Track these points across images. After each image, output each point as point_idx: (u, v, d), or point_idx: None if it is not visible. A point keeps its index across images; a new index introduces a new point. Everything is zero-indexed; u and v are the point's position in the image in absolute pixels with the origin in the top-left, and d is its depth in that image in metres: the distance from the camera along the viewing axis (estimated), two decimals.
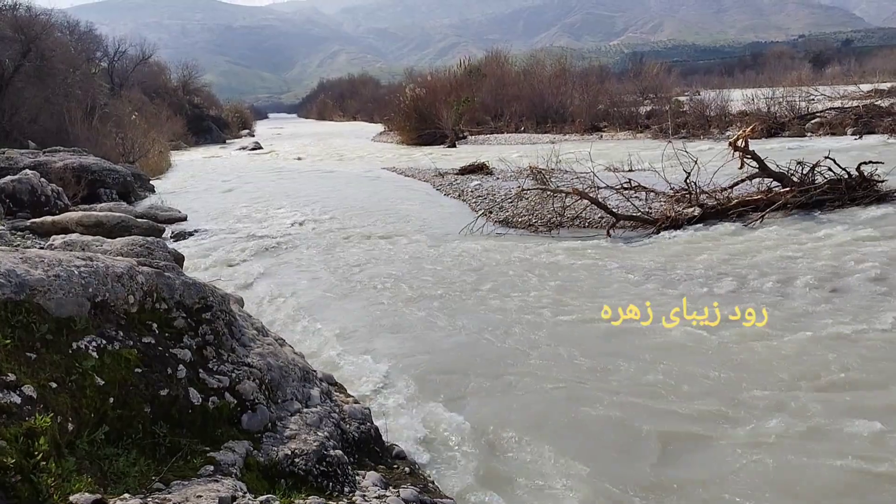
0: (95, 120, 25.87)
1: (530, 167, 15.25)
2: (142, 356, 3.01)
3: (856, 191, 11.01)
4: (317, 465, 3.12)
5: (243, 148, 41.09)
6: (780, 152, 15.22)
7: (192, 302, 3.45)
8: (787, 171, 11.48)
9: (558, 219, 11.79)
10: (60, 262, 3.06)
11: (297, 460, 3.08)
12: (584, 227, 11.68)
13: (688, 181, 11.69)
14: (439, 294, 8.15)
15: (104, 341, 2.92)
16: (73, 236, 9.02)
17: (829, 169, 11.34)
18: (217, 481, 2.67)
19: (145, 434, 2.87)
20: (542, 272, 8.85)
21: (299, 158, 31.81)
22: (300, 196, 17.79)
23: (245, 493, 2.62)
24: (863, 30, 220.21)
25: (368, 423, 3.90)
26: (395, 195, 17.28)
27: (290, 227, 13.19)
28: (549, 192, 12.47)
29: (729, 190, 11.75)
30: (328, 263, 10.13)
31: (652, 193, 12.34)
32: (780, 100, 28.13)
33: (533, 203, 12.77)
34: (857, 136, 21.50)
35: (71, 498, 2.24)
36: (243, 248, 11.40)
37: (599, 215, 11.72)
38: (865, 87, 33.34)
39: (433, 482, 3.96)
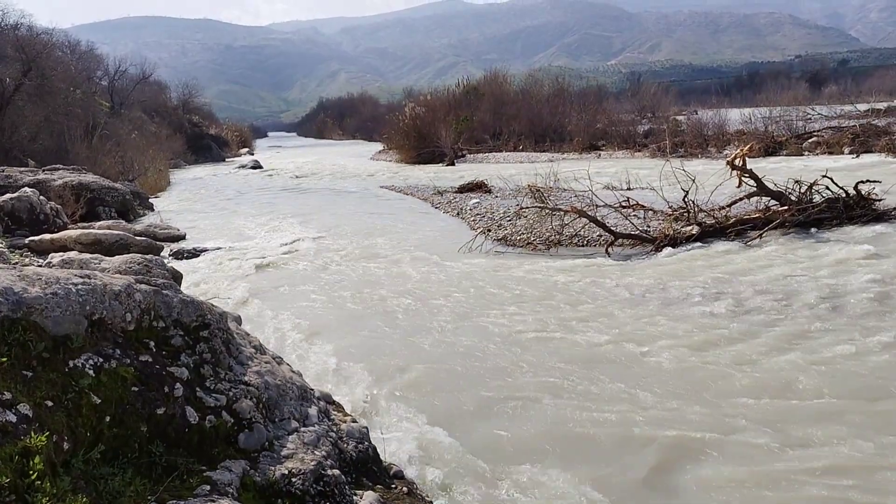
0: (95, 138, 25.99)
1: (529, 186, 15.28)
2: (139, 374, 2.99)
3: (853, 209, 11.04)
4: (314, 485, 3.09)
5: (243, 166, 41.15)
6: (777, 171, 15.27)
7: (189, 320, 3.44)
8: (785, 190, 11.52)
9: (557, 237, 11.79)
10: (58, 279, 3.05)
11: (294, 480, 3.06)
12: (583, 245, 11.68)
13: (686, 199, 11.72)
14: (438, 313, 8.13)
15: (101, 359, 2.91)
16: (72, 254, 9.00)
17: (827, 188, 11.38)
18: (213, 501, 2.65)
19: (141, 453, 2.84)
20: (540, 291, 8.84)
21: (298, 177, 31.89)
22: (299, 214, 17.81)
23: None
24: (859, 50, 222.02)
25: (366, 443, 3.87)
26: (393, 213, 17.31)
27: (289, 245, 13.18)
28: (547, 211, 12.48)
29: (727, 208, 11.78)
30: (326, 282, 10.11)
31: (650, 212, 12.37)
32: (778, 119, 28.28)
33: (532, 221, 12.79)
34: (855, 155, 21.61)
35: None
36: (241, 266, 11.39)
37: (598, 233, 11.72)
38: (862, 107, 33.52)
39: (431, 502, 3.93)
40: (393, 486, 3.79)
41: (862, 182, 11.31)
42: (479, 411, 5.41)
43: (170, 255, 12.43)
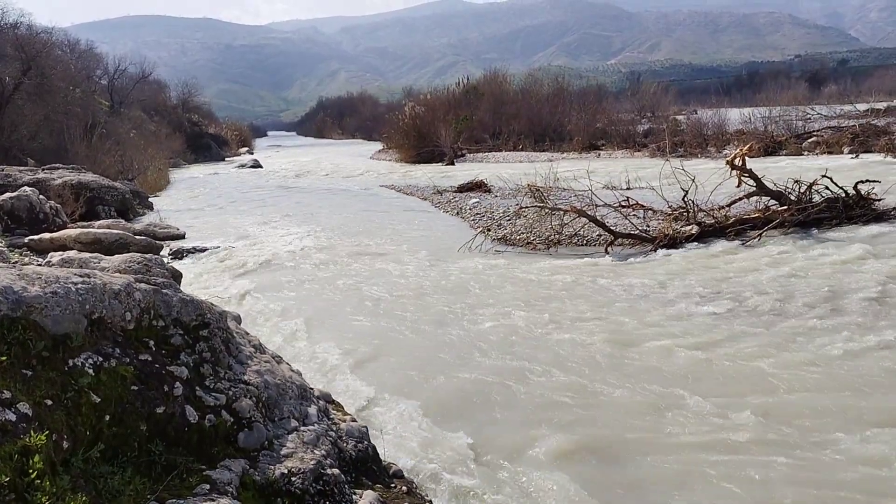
0: (94, 137, 25.97)
1: (528, 185, 15.27)
2: (138, 373, 2.99)
3: (853, 209, 11.04)
4: (314, 484, 3.09)
5: (242, 165, 41.16)
6: (777, 171, 15.27)
7: (189, 319, 3.44)
8: (785, 190, 11.52)
9: (556, 236, 11.79)
10: (58, 278, 3.05)
11: (293, 479, 3.06)
12: (582, 244, 11.68)
13: (686, 199, 11.72)
14: (437, 312, 8.13)
15: (101, 358, 2.91)
16: (71, 253, 9.00)
17: (826, 188, 11.38)
18: (213, 500, 2.65)
19: (141, 452, 2.84)
20: (539, 290, 8.84)
21: (297, 176, 31.87)
22: (298, 213, 17.81)
23: None
24: (858, 50, 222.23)
25: (366, 442, 3.87)
26: (393, 212, 17.31)
27: (288, 244, 13.18)
28: (547, 210, 12.47)
29: (727, 208, 11.78)
30: (326, 281, 10.11)
31: (650, 211, 12.36)
32: (777, 119, 28.26)
33: (531, 221, 12.78)
34: (854, 155, 21.61)
35: None
36: (241, 265, 11.39)
37: (597, 233, 11.72)
38: (862, 107, 33.50)
39: (431, 501, 3.94)
40: (392, 485, 3.79)
41: (861, 182, 11.31)
42: (479, 409, 5.41)
43: (169, 255, 12.43)
